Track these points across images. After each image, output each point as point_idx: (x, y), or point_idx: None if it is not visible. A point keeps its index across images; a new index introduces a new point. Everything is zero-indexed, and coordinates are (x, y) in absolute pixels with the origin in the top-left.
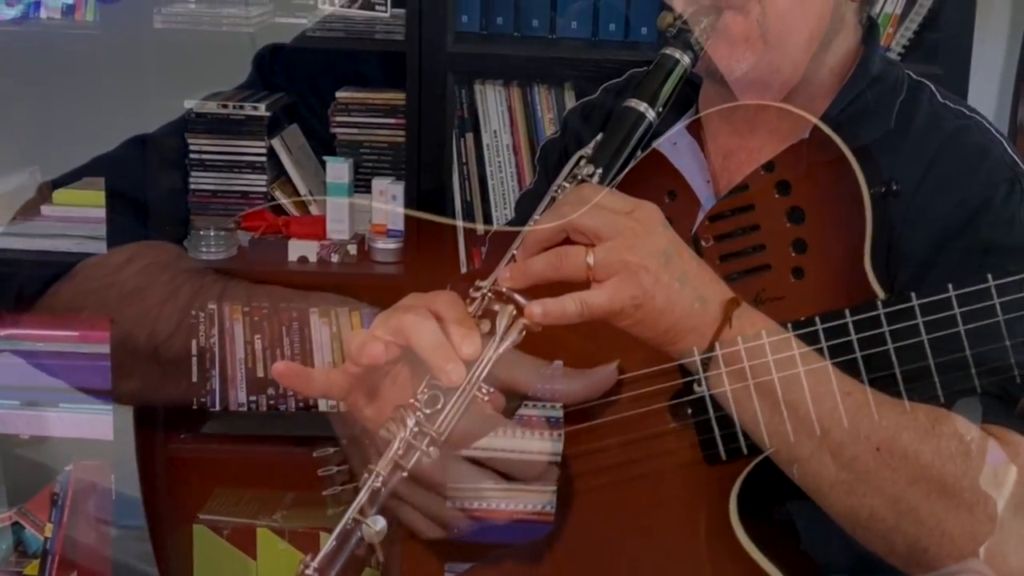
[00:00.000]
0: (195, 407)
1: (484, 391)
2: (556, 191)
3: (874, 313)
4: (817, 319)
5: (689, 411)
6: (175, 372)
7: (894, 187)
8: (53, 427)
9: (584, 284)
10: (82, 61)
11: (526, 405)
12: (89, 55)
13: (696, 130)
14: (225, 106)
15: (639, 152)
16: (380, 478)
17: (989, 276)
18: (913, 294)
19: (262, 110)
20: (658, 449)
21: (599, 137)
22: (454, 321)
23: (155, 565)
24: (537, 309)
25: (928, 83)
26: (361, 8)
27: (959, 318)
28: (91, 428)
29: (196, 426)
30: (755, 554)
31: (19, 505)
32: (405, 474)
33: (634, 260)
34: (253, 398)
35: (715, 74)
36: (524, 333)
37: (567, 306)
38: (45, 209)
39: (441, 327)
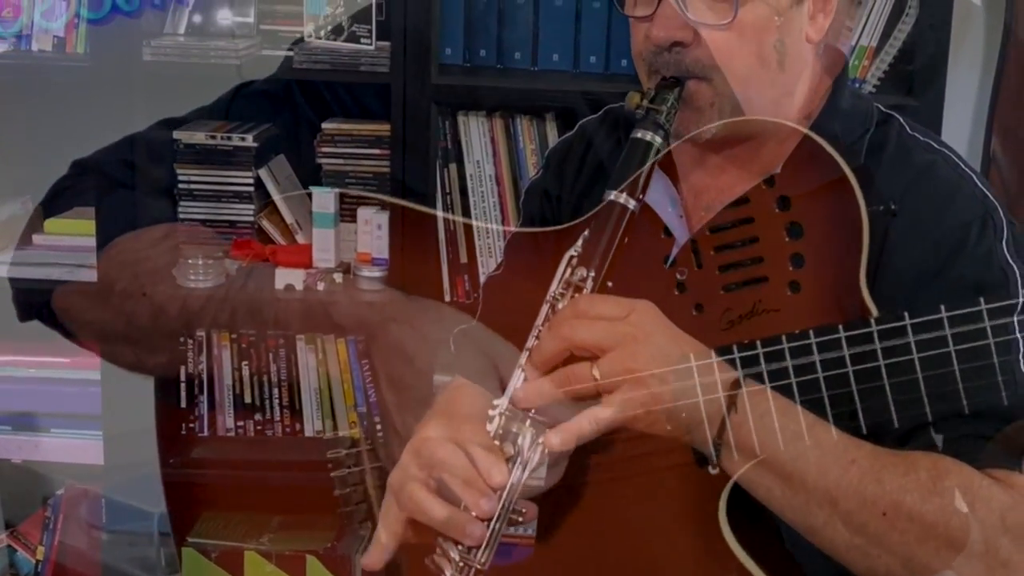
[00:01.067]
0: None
1: (518, 512)
2: (554, 298)
3: (867, 330)
4: (811, 332)
5: (683, 415)
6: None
7: (892, 206)
8: (45, 452)
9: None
10: (73, 92)
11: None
12: (79, 87)
13: (668, 167)
14: (213, 137)
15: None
16: None
17: (981, 300)
18: (906, 313)
19: (249, 141)
20: (652, 450)
21: (586, 234)
22: (481, 453)
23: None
24: (555, 440)
25: (897, 116)
26: (347, 41)
27: (950, 339)
28: (82, 453)
29: (185, 451)
30: (742, 556)
31: (12, 528)
32: None
33: (637, 367)
34: (240, 424)
35: (687, 135)
36: (547, 453)
37: (583, 427)
38: (36, 238)
39: (468, 456)
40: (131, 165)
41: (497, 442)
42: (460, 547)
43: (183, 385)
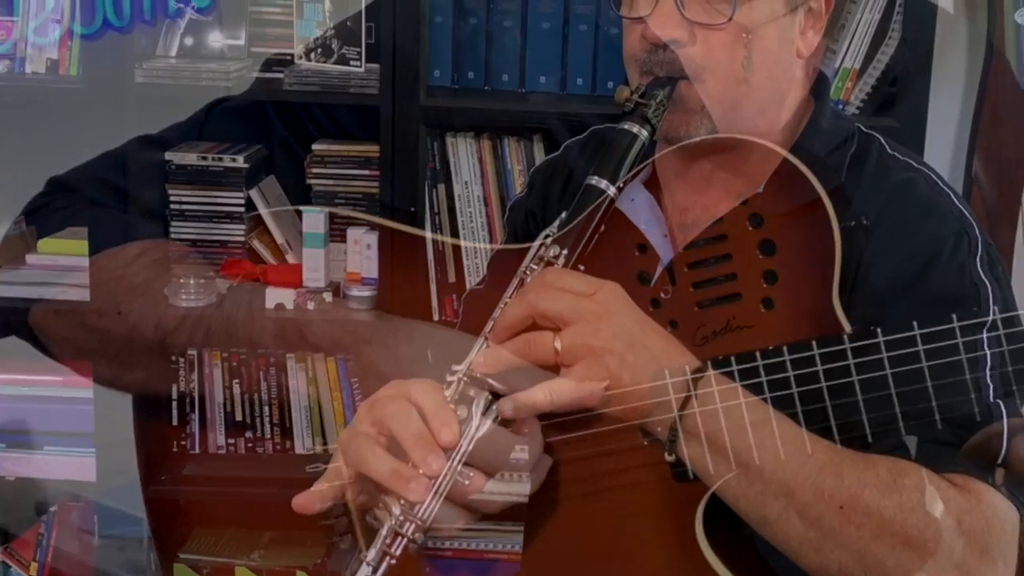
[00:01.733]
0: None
1: (464, 475)
2: (524, 272)
3: (840, 347)
4: (785, 349)
5: (659, 429)
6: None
7: (864, 222)
8: (39, 469)
9: (554, 365)
10: (66, 114)
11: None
12: (73, 108)
13: (652, 186)
14: (204, 158)
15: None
16: (370, 568)
17: (954, 317)
18: (879, 329)
19: (240, 162)
20: (629, 464)
21: (563, 216)
22: (432, 409)
23: None
24: (508, 406)
25: (877, 135)
26: (337, 63)
27: (923, 355)
28: (75, 470)
29: (176, 468)
30: (718, 566)
31: (6, 544)
32: (393, 561)
33: (598, 344)
34: (232, 441)
35: (674, 140)
36: (500, 419)
37: (536, 398)
38: (30, 258)
39: (421, 415)
40: (106, 182)
41: (452, 405)
42: (402, 502)
43: (174, 403)
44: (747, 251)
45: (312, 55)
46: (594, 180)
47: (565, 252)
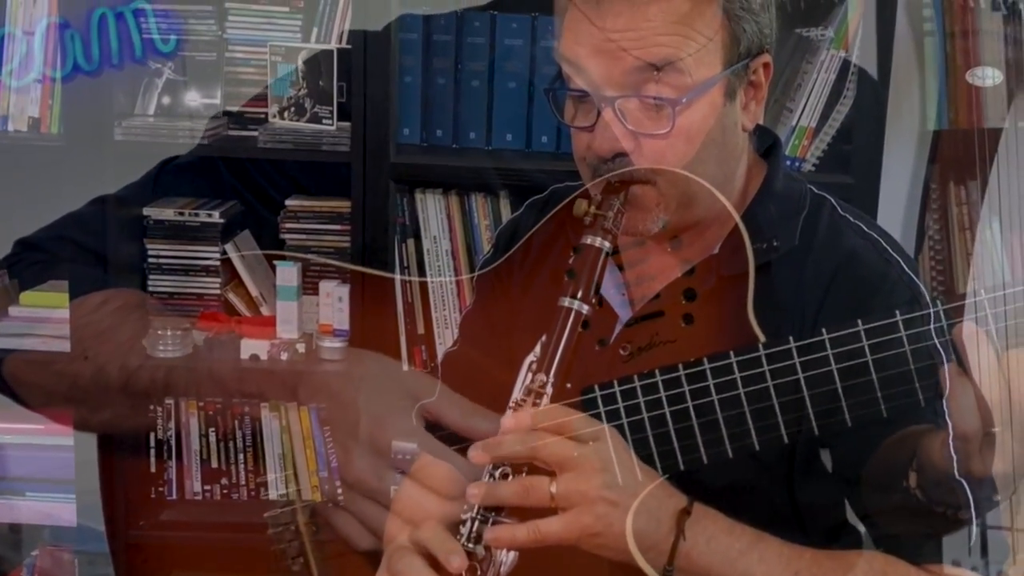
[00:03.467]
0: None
1: None
2: (515, 403)
3: (756, 355)
4: (705, 360)
5: (589, 523)
6: (144, 403)
7: (775, 243)
8: (20, 514)
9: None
10: (47, 171)
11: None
12: (54, 165)
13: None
14: (182, 213)
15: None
16: None
17: (859, 321)
18: (791, 338)
19: (216, 217)
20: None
21: (543, 339)
22: (436, 546)
23: None
24: (489, 536)
25: (829, 197)
26: (309, 121)
27: (832, 359)
28: (56, 515)
29: (155, 514)
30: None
31: None
32: None
33: (593, 493)
34: (208, 487)
35: (633, 235)
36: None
37: (517, 534)
38: (12, 310)
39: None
40: (69, 240)
41: (470, 544)
42: None
43: (152, 450)
44: (669, 272)
45: (285, 114)
46: (567, 302)
47: (552, 380)
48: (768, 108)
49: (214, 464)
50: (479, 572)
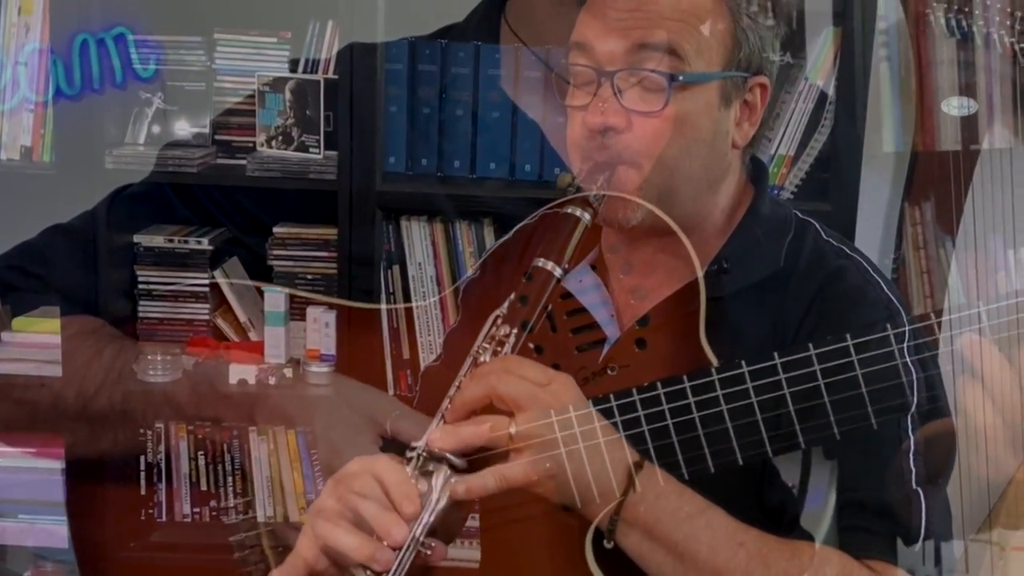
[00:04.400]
0: (143, 519)
1: (426, 545)
2: (477, 351)
3: (709, 379)
4: (659, 383)
5: (585, 488)
6: (102, 426)
7: (724, 265)
8: (12, 536)
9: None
10: (39, 198)
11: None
12: (46, 193)
13: (600, 269)
14: (171, 240)
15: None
16: None
17: (810, 345)
18: (743, 361)
19: (205, 244)
20: (531, 496)
21: (512, 297)
22: (394, 483)
23: None
24: (460, 488)
25: (813, 221)
26: (296, 150)
27: (784, 383)
28: (47, 537)
29: (145, 535)
30: None
31: None
32: None
33: (549, 434)
34: (197, 509)
35: (613, 223)
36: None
37: (487, 482)
38: (5, 336)
39: (383, 489)
40: (20, 270)
41: (413, 479)
42: (368, 573)
43: (142, 473)
44: (622, 298)
45: (273, 142)
46: (540, 262)
47: (515, 331)
48: None
49: (203, 487)
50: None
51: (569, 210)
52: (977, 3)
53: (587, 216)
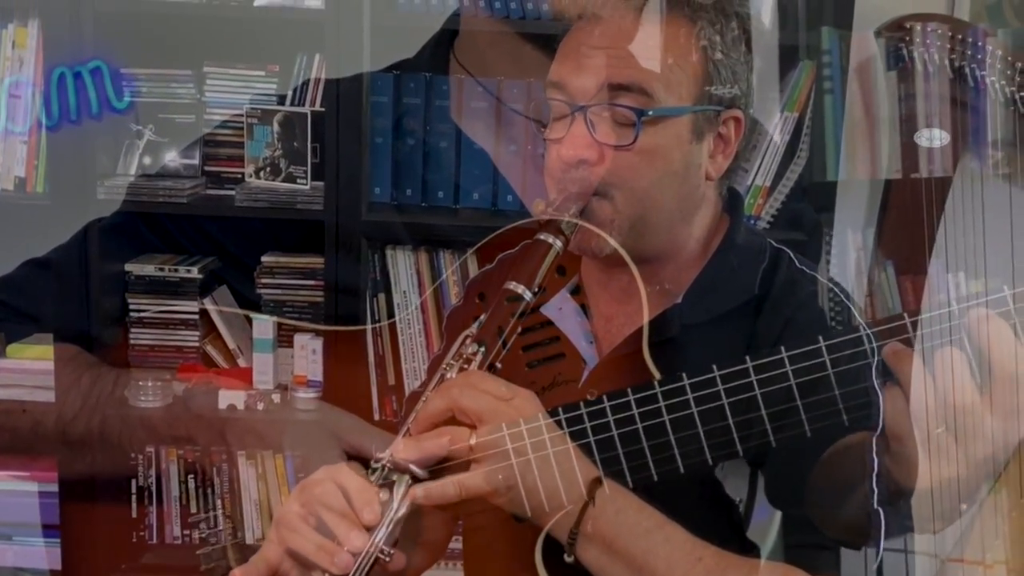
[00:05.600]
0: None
1: (386, 553)
2: (445, 368)
3: (651, 392)
4: (604, 397)
5: (544, 501)
6: (79, 449)
7: (667, 286)
8: (8, 558)
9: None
10: (33, 228)
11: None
12: (39, 223)
13: (579, 296)
14: (162, 269)
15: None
16: None
17: (747, 358)
18: (684, 375)
19: (195, 273)
20: (487, 505)
21: (482, 317)
22: (356, 490)
23: None
24: (419, 492)
25: (787, 250)
26: (284, 181)
27: (723, 394)
28: (42, 559)
29: (136, 557)
30: None
31: None
32: None
33: (506, 448)
34: (187, 532)
35: (587, 251)
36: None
37: (446, 489)
38: (1, 362)
39: (345, 496)
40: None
41: (376, 487)
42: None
43: (134, 496)
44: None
45: (261, 174)
46: (511, 285)
47: (483, 349)
48: None
49: (193, 510)
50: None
51: (542, 236)
52: (917, 32)
53: (559, 243)
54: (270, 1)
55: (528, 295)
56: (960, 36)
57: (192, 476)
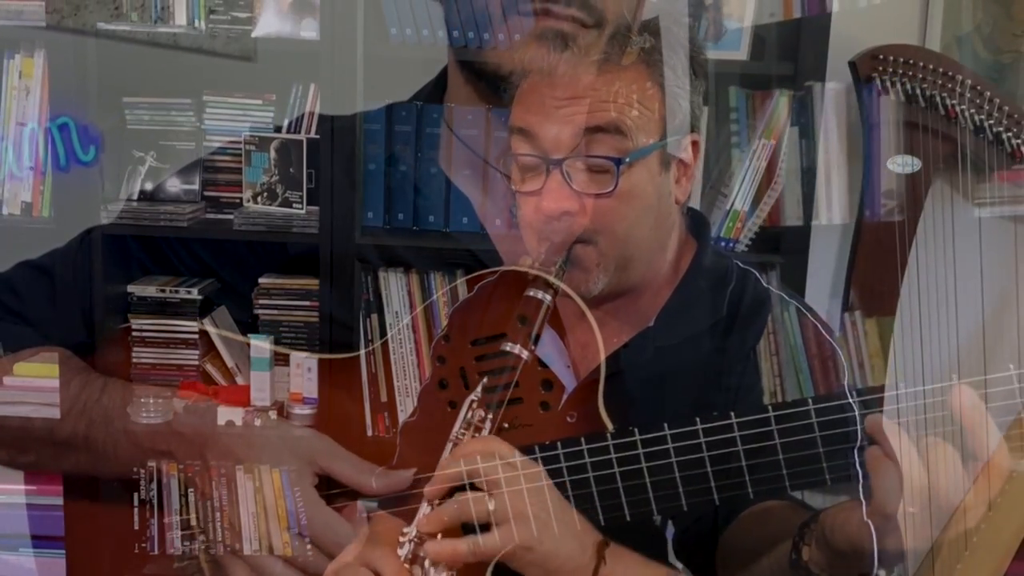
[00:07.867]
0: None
1: None
2: (455, 437)
3: (604, 443)
4: (559, 444)
5: (558, 564)
6: (66, 450)
7: (642, 309)
8: (13, 570)
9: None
10: (39, 252)
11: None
12: (45, 246)
13: (556, 323)
14: (163, 291)
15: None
16: None
17: (697, 420)
18: (636, 429)
19: (195, 294)
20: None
21: (484, 381)
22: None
23: None
24: (433, 549)
25: (752, 270)
26: (280, 206)
27: (672, 452)
28: (47, 570)
29: (138, 568)
30: None
31: None
32: None
33: (527, 510)
34: (187, 544)
35: (576, 294)
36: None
37: (458, 548)
38: (7, 380)
39: None
40: None
41: (407, 565)
42: None
43: (136, 509)
44: (529, 364)
45: (259, 198)
46: (508, 346)
47: (490, 416)
48: (704, 193)
49: (193, 522)
50: None
51: (531, 293)
52: (890, 63)
53: (548, 298)
54: (267, 32)
55: (525, 355)
56: (931, 66)
57: (192, 489)
